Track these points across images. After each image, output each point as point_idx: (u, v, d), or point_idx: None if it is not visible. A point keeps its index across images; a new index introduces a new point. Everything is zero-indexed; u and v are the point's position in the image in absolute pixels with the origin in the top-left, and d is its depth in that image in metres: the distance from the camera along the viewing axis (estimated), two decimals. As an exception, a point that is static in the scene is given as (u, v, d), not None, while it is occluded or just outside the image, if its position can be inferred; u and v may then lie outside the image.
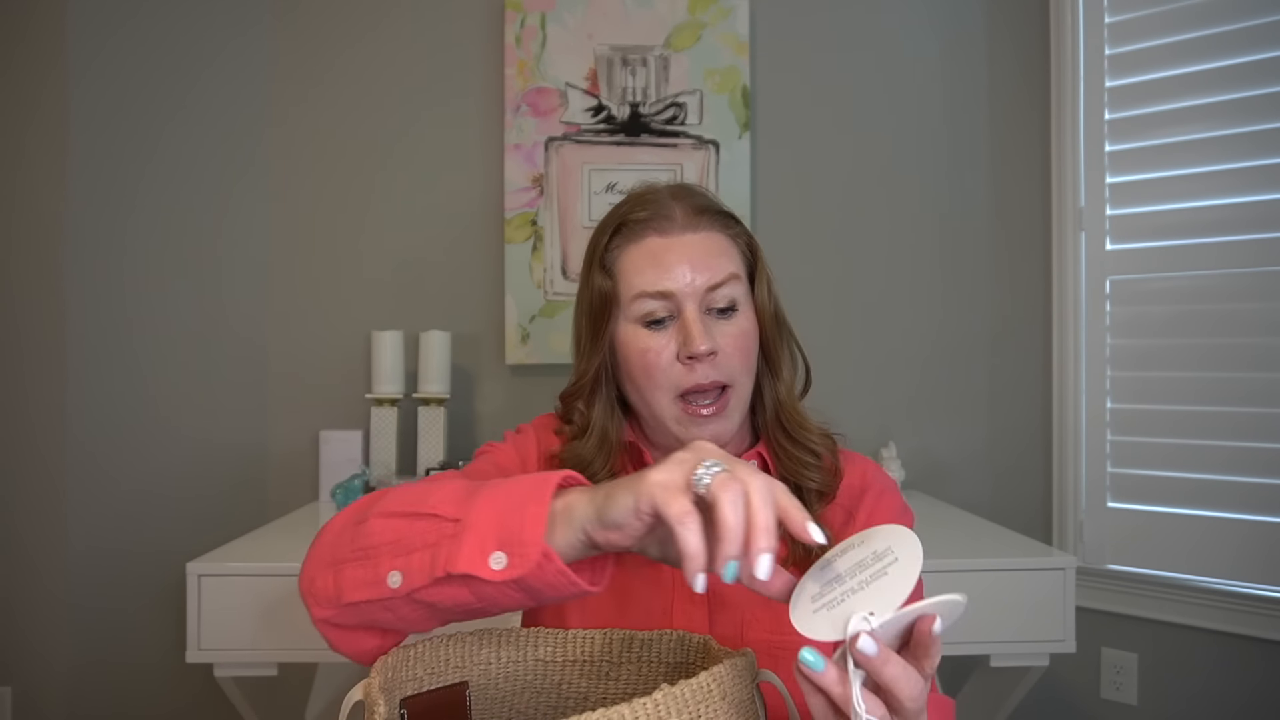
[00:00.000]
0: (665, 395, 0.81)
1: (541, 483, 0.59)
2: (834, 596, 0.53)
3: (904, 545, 0.54)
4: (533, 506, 0.58)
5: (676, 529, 0.52)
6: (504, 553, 0.57)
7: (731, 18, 2.01)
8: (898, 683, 0.50)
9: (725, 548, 0.51)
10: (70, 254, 1.91)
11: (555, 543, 0.57)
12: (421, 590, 0.60)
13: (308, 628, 1.35)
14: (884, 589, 0.52)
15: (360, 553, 0.63)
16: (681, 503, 0.52)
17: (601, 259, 0.85)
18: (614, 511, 0.55)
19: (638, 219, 0.84)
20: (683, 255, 0.81)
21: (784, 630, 0.79)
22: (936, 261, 2.09)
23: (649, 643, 0.70)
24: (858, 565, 0.54)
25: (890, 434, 2.04)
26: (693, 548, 0.51)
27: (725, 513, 0.51)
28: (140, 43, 1.96)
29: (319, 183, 2.03)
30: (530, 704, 0.70)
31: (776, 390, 0.87)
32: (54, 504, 1.90)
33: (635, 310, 0.82)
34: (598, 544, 0.57)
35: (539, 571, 0.56)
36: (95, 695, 1.91)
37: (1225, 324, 1.78)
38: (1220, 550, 1.76)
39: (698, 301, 0.80)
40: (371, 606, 0.63)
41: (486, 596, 0.59)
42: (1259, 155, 1.74)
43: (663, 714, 0.49)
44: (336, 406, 2.00)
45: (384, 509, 0.65)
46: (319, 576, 0.66)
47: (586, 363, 0.86)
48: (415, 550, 0.60)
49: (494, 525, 0.58)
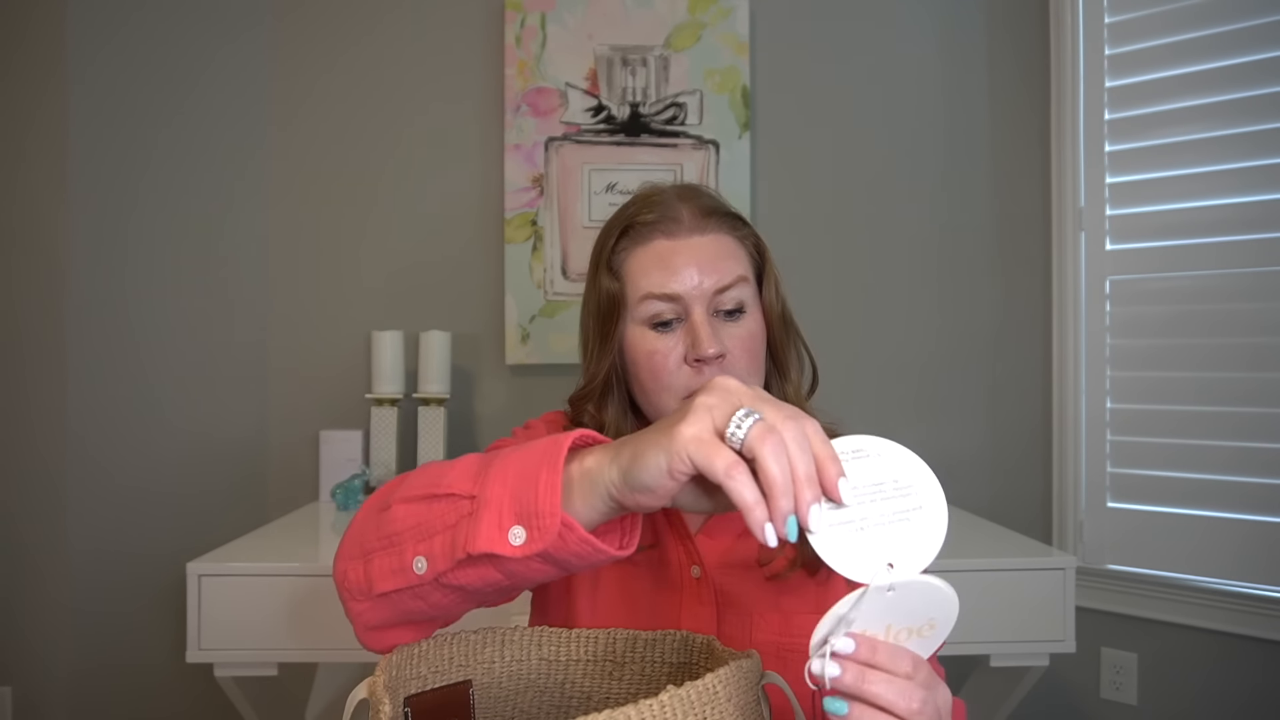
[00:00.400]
0: (673, 398, 0.80)
1: (553, 447, 0.56)
2: (852, 516, 0.50)
3: (929, 492, 0.51)
4: (546, 474, 0.54)
5: (726, 483, 0.49)
6: (522, 526, 0.54)
7: (731, 18, 2.01)
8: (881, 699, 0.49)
9: (779, 504, 0.48)
10: (71, 255, 1.91)
11: (575, 510, 0.54)
12: (448, 574, 0.58)
13: (308, 628, 1.35)
14: (907, 537, 0.49)
15: (386, 540, 0.62)
16: (725, 454, 0.49)
17: (608, 261, 0.84)
18: (644, 473, 0.52)
19: (645, 221, 0.83)
20: (690, 258, 0.80)
21: (792, 632, 0.80)
22: (936, 261, 2.09)
23: (653, 643, 0.70)
24: (875, 486, 0.51)
25: (890, 434, 2.00)
26: (750, 498, 0.48)
27: (770, 468, 0.48)
28: (141, 43, 1.95)
29: (319, 183, 2.02)
30: (534, 703, 0.70)
31: (785, 391, 0.86)
32: (55, 504, 1.90)
33: (642, 312, 0.81)
34: (625, 506, 0.54)
35: (561, 542, 0.53)
36: (95, 695, 1.91)
37: (1225, 324, 1.78)
38: (1220, 550, 1.76)
39: (705, 304, 0.80)
40: (402, 596, 0.61)
41: (513, 573, 0.56)
42: (1259, 155, 1.74)
43: (669, 716, 0.49)
44: (336, 406, 2.00)
45: (404, 493, 0.63)
46: (351, 569, 0.64)
47: (596, 365, 0.85)
48: (436, 533, 0.58)
49: (509, 498, 0.55)
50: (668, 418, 0.53)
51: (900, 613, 0.50)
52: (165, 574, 1.91)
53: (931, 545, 0.50)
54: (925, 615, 0.51)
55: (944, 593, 0.50)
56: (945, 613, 0.51)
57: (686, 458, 0.50)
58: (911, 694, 0.49)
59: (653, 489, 0.52)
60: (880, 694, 0.49)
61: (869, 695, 0.49)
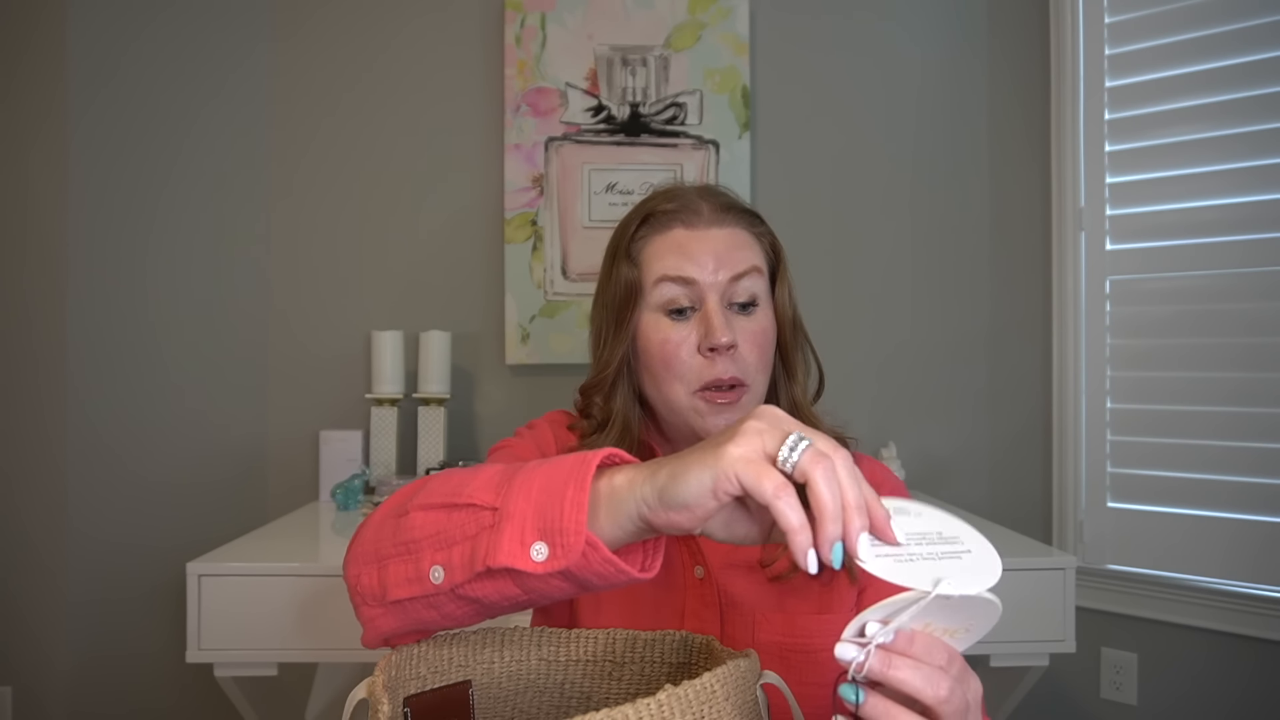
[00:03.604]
0: (683, 387, 0.81)
1: (581, 464, 0.54)
2: (899, 551, 0.50)
3: (977, 542, 0.51)
4: (573, 490, 0.53)
5: (774, 504, 0.47)
6: (545, 543, 0.53)
7: (731, 18, 2.01)
8: (907, 685, 0.48)
9: (828, 529, 0.47)
10: (73, 253, 1.91)
11: (600, 528, 0.53)
12: (464, 585, 0.56)
13: (308, 628, 1.35)
14: (961, 569, 0.49)
15: (402, 547, 0.60)
16: (774, 476, 0.48)
17: (628, 248, 0.85)
18: (683, 491, 0.50)
19: (665, 210, 0.85)
20: (708, 247, 0.82)
21: (795, 633, 0.80)
22: (936, 261, 2.09)
23: (652, 643, 0.70)
24: (919, 535, 0.51)
25: (890, 434, 2.04)
26: (796, 522, 0.47)
27: (821, 492, 0.47)
28: (142, 44, 1.95)
29: (319, 183, 2.02)
30: (533, 703, 0.70)
31: (792, 392, 0.87)
32: (55, 504, 1.90)
33: (658, 296, 0.82)
34: (655, 526, 0.53)
35: (585, 561, 0.52)
36: (95, 695, 1.91)
37: (1225, 324, 1.78)
38: (1220, 550, 1.76)
39: (720, 294, 0.81)
40: (416, 604, 0.60)
41: (532, 589, 0.55)
42: (1258, 155, 1.74)
43: (666, 714, 0.49)
44: (336, 406, 2.00)
45: (423, 500, 0.61)
46: (364, 573, 0.63)
47: (610, 353, 0.85)
48: (455, 543, 0.57)
49: (533, 513, 0.54)
50: (712, 439, 0.52)
51: (943, 615, 0.50)
52: (165, 573, 1.91)
53: (985, 578, 0.49)
54: (965, 622, 0.51)
55: (994, 606, 0.50)
56: (986, 621, 0.51)
57: (734, 477, 0.49)
58: (939, 682, 0.48)
59: (691, 507, 0.50)
60: (906, 679, 0.48)
61: (894, 680, 0.48)
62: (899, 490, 0.90)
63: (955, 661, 0.50)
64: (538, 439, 0.89)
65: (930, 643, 0.50)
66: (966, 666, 0.51)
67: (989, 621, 0.51)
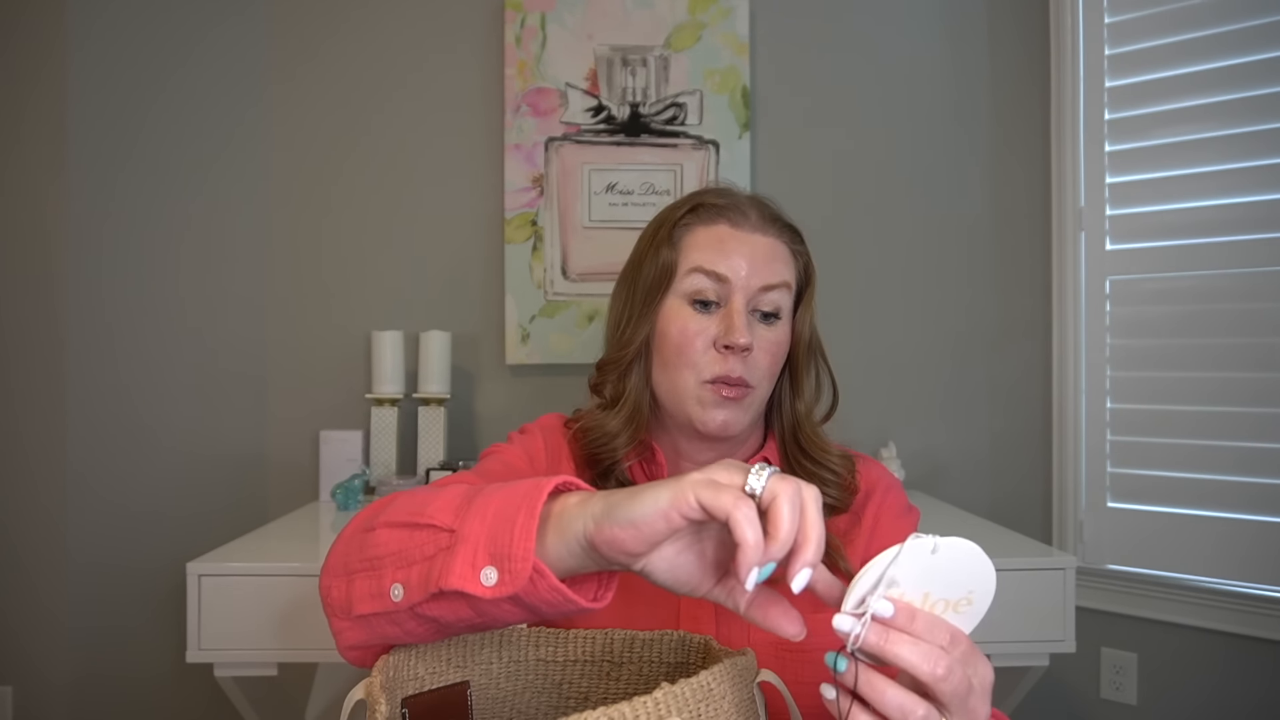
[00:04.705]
0: (693, 375, 0.83)
1: (535, 489, 0.55)
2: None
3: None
4: (523, 517, 0.53)
5: (733, 514, 0.47)
6: (495, 567, 0.53)
7: (731, 18, 2.01)
8: (903, 660, 0.48)
9: (772, 547, 0.47)
10: (69, 254, 1.91)
11: (548, 552, 0.53)
12: (421, 605, 0.57)
13: (308, 628, 1.35)
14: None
15: (367, 563, 0.61)
16: (735, 491, 0.48)
17: (671, 231, 0.87)
18: (635, 508, 0.50)
19: (715, 204, 0.87)
20: (747, 250, 0.84)
21: None
22: (936, 261, 2.09)
23: (650, 643, 0.70)
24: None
25: (890, 434, 2.04)
26: (751, 538, 0.47)
27: (782, 511, 0.47)
28: (140, 43, 1.96)
29: (319, 182, 2.02)
30: (531, 703, 0.70)
31: (795, 407, 0.89)
32: (55, 503, 1.90)
33: (688, 285, 0.84)
34: (596, 546, 0.52)
35: (532, 588, 0.52)
36: (96, 695, 1.91)
37: (1225, 324, 1.78)
38: (1221, 550, 1.76)
39: (747, 298, 0.83)
40: (379, 620, 0.61)
41: (485, 612, 0.56)
42: (1259, 155, 1.74)
43: (663, 712, 0.49)
44: (336, 406, 2.00)
45: (389, 517, 0.62)
46: (334, 585, 0.64)
47: (633, 332, 0.87)
48: (415, 563, 0.58)
49: (486, 537, 0.54)
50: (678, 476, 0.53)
51: (940, 581, 0.49)
52: (165, 573, 1.91)
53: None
54: (965, 587, 0.50)
55: (985, 563, 0.50)
56: (984, 586, 0.50)
57: (692, 498, 0.49)
58: (937, 660, 0.48)
59: (637, 524, 0.50)
60: (904, 655, 0.48)
61: (891, 656, 0.48)
62: (895, 490, 0.89)
63: (959, 643, 0.50)
64: (527, 446, 0.89)
65: (932, 621, 0.49)
66: (975, 650, 0.51)
67: (987, 585, 0.50)
